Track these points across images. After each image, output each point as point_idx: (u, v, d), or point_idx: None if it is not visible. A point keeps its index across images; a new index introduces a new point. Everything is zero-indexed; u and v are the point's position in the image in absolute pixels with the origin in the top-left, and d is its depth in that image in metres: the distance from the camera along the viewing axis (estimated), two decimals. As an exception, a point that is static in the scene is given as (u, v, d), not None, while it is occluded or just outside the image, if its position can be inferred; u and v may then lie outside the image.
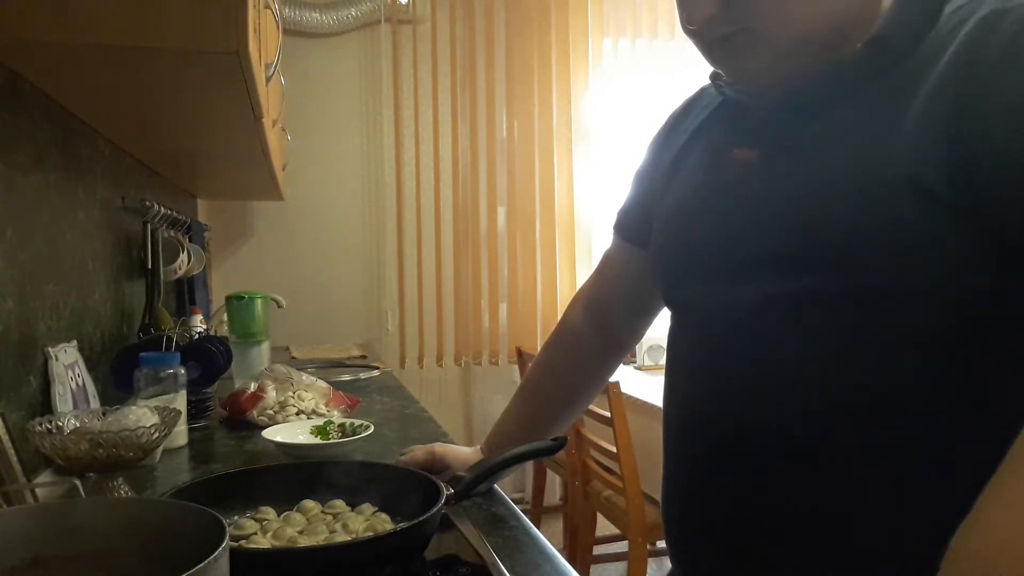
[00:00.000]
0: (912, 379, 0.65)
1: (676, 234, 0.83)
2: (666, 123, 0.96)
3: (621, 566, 2.88)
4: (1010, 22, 0.59)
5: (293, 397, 1.56)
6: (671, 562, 0.91)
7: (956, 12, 0.64)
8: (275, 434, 1.27)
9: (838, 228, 0.65)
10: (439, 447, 1.07)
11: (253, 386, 1.60)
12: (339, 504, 0.87)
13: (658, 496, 0.95)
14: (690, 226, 0.80)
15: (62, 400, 1.19)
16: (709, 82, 0.87)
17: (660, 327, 0.95)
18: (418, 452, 1.06)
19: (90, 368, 1.38)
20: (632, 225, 0.98)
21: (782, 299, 0.69)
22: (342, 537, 0.79)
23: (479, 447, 1.10)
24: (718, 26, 0.69)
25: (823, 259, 0.66)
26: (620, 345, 1.08)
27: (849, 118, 0.67)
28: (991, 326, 0.64)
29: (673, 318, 0.87)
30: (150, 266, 1.86)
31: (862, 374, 0.66)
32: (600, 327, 1.05)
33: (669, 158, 0.90)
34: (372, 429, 1.28)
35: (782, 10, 0.67)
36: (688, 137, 0.88)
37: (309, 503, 0.87)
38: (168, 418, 0.95)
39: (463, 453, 1.07)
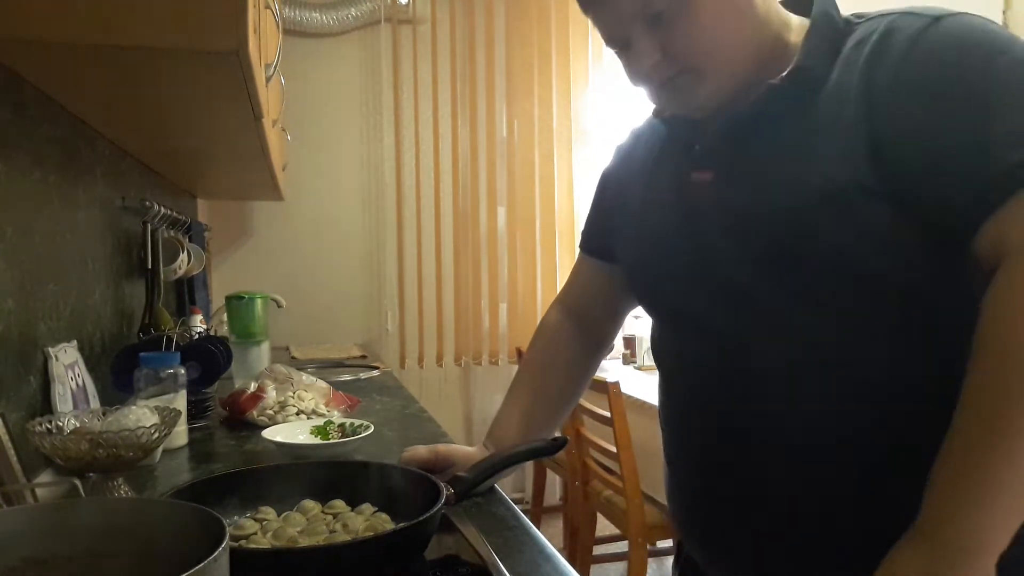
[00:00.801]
0: (886, 363, 0.74)
1: (651, 255, 0.92)
2: (616, 155, 1.08)
3: (621, 566, 2.89)
4: (900, 38, 0.72)
5: (293, 397, 1.55)
6: (691, 548, 0.96)
7: (859, 45, 0.76)
8: (275, 434, 1.27)
9: (792, 230, 0.74)
10: (442, 446, 1.08)
11: (253, 386, 1.60)
12: (339, 504, 0.87)
13: (658, 496, 0.98)
14: (663, 246, 0.89)
15: (62, 400, 1.19)
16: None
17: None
18: (421, 450, 1.06)
19: (90, 368, 1.38)
20: (597, 243, 1.09)
21: (756, 298, 0.78)
22: (342, 537, 0.79)
23: (482, 445, 1.10)
24: (664, 69, 0.79)
25: (782, 259, 0.75)
26: (599, 342, 1.14)
27: (788, 134, 0.77)
28: (946, 310, 0.72)
29: (657, 323, 0.96)
30: (150, 266, 1.86)
31: (835, 361, 0.75)
32: (578, 325, 1.12)
33: (626, 186, 1.00)
34: (372, 429, 1.28)
35: (715, 47, 0.78)
36: (646, 167, 0.96)
37: (309, 503, 0.87)
38: (168, 418, 0.95)
39: (466, 452, 1.07)
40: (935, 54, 0.69)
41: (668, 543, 2.76)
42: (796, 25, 0.82)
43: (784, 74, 0.77)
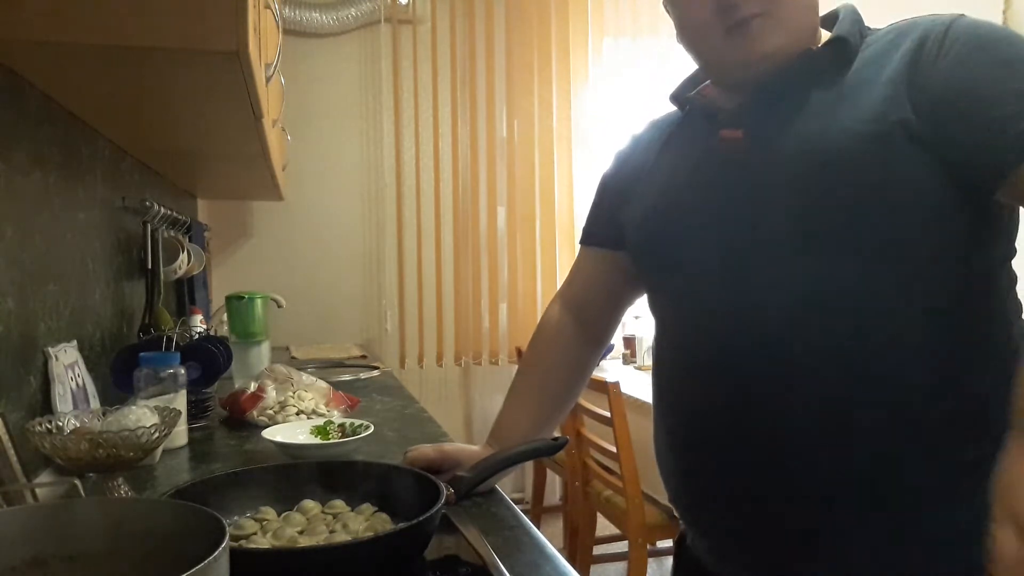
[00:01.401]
0: (921, 321, 0.76)
1: (665, 212, 0.93)
2: (616, 159, 1.09)
3: (621, 566, 2.88)
4: (929, 23, 0.78)
5: (293, 397, 1.55)
6: (682, 519, 0.96)
7: (886, 35, 0.82)
8: (275, 434, 1.27)
9: (835, 181, 0.76)
10: (448, 445, 1.08)
11: (253, 386, 1.60)
12: (339, 504, 0.87)
13: (658, 496, 0.98)
14: (679, 204, 0.90)
15: (62, 400, 1.19)
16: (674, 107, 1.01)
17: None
18: (426, 449, 1.06)
19: (90, 368, 1.38)
20: (602, 232, 1.09)
21: (792, 253, 0.79)
22: (342, 537, 0.79)
23: (486, 444, 1.10)
24: (749, 6, 0.81)
25: (824, 212, 0.77)
26: (598, 338, 1.15)
27: (823, 96, 0.81)
28: (982, 267, 0.78)
29: (661, 298, 0.96)
30: (150, 266, 1.86)
31: (873, 321, 0.76)
32: (577, 320, 1.12)
33: (638, 167, 1.00)
34: (372, 429, 1.28)
35: (795, 1, 0.83)
36: (659, 147, 0.98)
37: (309, 503, 0.87)
38: (168, 418, 0.95)
39: (471, 451, 1.07)
40: (970, 28, 0.76)
41: (668, 543, 2.76)
42: (823, 34, 0.88)
43: (822, 45, 0.84)
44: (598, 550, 2.77)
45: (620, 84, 3.64)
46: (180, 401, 1.29)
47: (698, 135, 0.92)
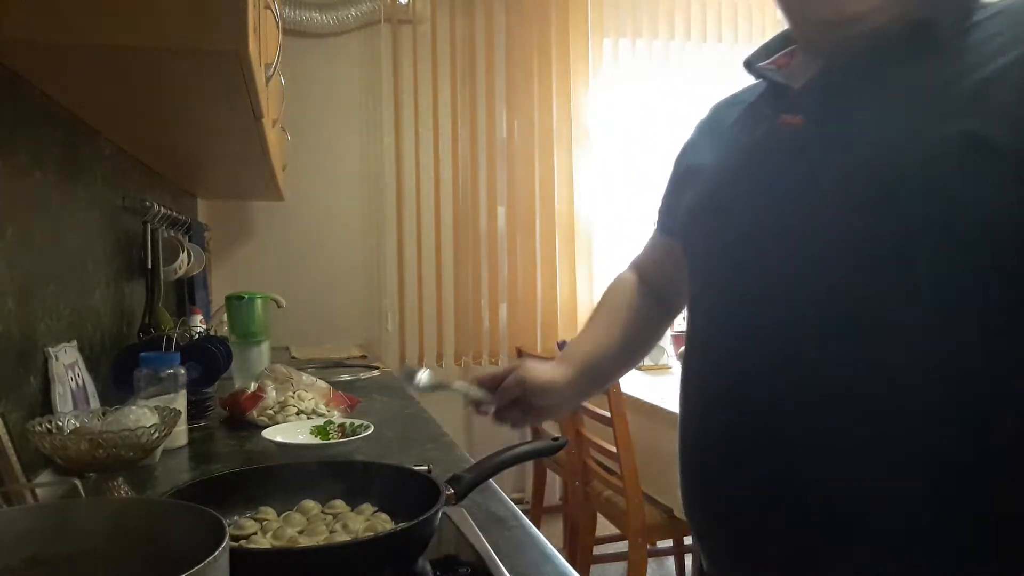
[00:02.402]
0: (976, 335, 0.65)
1: (713, 208, 0.84)
2: (712, 110, 0.98)
3: (621, 566, 2.88)
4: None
5: (293, 397, 1.56)
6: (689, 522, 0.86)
7: (998, 15, 0.69)
8: (275, 434, 1.27)
9: (897, 179, 0.66)
10: (525, 371, 0.99)
11: (253, 386, 1.60)
12: (339, 504, 0.87)
13: (658, 496, 0.94)
14: (725, 200, 0.82)
15: (62, 400, 1.19)
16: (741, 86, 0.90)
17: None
18: (503, 374, 1.00)
19: (90, 368, 1.38)
20: (666, 218, 1.01)
21: (840, 251, 0.69)
22: (342, 537, 0.79)
23: (556, 362, 1.03)
24: None
25: (879, 211, 0.66)
26: (668, 308, 1.10)
27: (898, 87, 0.70)
28: None
29: (693, 303, 0.88)
30: (150, 266, 1.86)
31: (924, 327, 0.66)
32: (650, 288, 1.08)
33: (708, 146, 0.93)
34: (372, 429, 1.28)
35: None
36: (729, 125, 0.90)
37: (309, 503, 0.87)
38: (168, 418, 0.95)
39: (545, 374, 1.00)
40: None
41: (668, 543, 2.76)
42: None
43: (903, 26, 0.71)
44: (598, 550, 2.77)
45: (620, 84, 3.64)
46: (180, 401, 1.29)
47: (760, 116, 0.83)
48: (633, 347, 1.09)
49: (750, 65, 0.86)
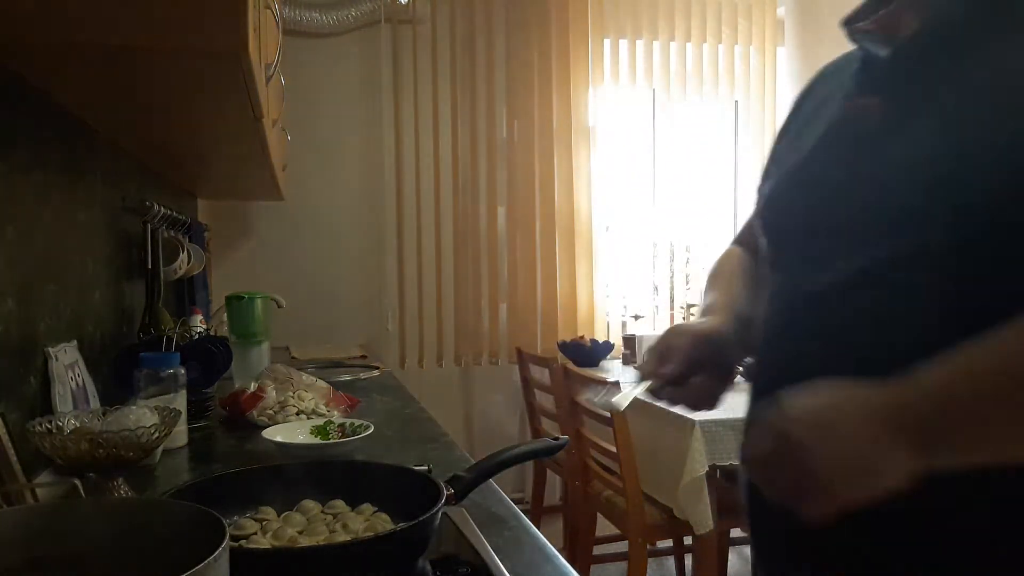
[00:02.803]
0: None
1: (788, 197, 0.80)
2: (809, 82, 0.90)
3: (621, 566, 2.88)
4: None
5: (293, 397, 1.56)
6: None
7: None
8: (275, 434, 1.27)
9: (965, 184, 0.60)
10: (687, 328, 0.88)
11: (253, 386, 1.60)
12: (339, 504, 0.87)
13: (658, 496, 0.92)
14: (798, 190, 0.78)
15: (62, 400, 1.19)
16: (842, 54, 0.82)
17: (657, 327, 0.93)
18: (663, 348, 0.87)
19: (90, 368, 1.38)
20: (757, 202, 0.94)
21: (898, 248, 0.65)
22: (342, 537, 0.79)
23: (705, 319, 0.91)
24: None
25: (942, 215, 0.61)
26: None
27: (982, 71, 0.63)
28: None
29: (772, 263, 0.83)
30: (150, 266, 1.86)
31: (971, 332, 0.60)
32: (752, 254, 0.99)
33: (794, 124, 0.87)
34: (372, 429, 1.28)
35: None
36: (819, 99, 0.84)
37: (309, 503, 0.87)
38: (168, 418, 0.95)
39: (704, 325, 0.88)
40: None
41: (668, 543, 2.76)
42: None
43: None
44: (598, 550, 2.77)
45: (619, 85, 3.64)
46: (180, 401, 1.29)
47: (841, 91, 0.75)
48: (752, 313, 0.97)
49: (849, 24, 0.75)
